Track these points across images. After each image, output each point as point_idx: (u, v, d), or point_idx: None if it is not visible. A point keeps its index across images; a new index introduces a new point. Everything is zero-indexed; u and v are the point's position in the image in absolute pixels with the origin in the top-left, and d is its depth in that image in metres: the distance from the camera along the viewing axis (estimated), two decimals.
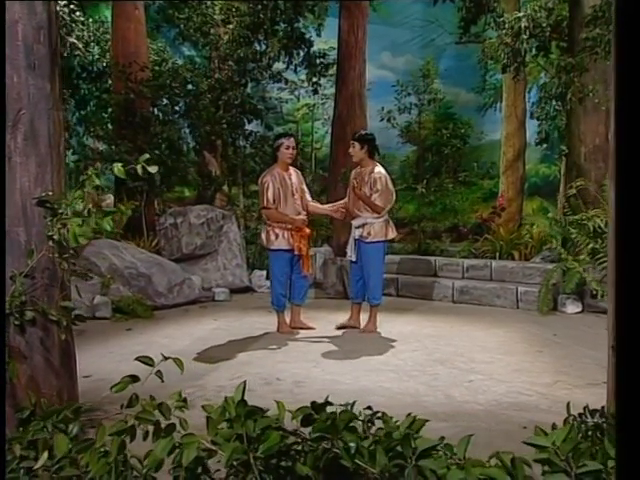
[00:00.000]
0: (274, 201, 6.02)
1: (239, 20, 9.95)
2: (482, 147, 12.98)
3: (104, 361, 5.04)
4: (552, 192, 11.82)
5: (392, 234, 6.12)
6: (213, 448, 1.73)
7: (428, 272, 8.87)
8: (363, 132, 6.34)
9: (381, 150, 6.56)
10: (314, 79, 10.39)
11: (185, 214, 8.95)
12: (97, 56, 10.62)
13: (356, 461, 1.58)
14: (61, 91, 2.85)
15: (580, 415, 2.60)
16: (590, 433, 2.53)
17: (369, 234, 5.97)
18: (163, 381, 2.10)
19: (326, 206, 6.67)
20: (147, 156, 2.70)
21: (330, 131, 10.02)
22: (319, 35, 10.38)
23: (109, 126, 9.44)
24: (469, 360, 5.03)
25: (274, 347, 5.56)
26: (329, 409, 1.96)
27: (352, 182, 6.13)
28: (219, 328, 6.49)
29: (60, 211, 2.74)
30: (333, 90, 10.25)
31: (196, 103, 9.48)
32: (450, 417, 3.67)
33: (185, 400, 1.94)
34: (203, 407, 1.88)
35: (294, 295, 6.29)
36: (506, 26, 8.53)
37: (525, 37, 8.50)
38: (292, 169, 6.28)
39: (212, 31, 10.36)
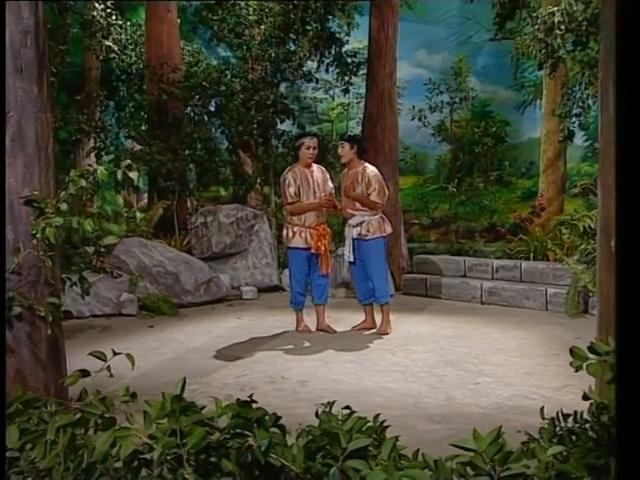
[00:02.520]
0: (296, 197, 6.04)
1: (272, 20, 10.02)
2: (521, 145, 12.67)
3: (119, 357, 5.14)
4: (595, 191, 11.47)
5: (389, 229, 6.11)
6: (149, 442, 1.76)
7: (458, 272, 8.75)
8: (352, 133, 6.39)
9: (414, 149, 6.59)
10: (345, 78, 10.37)
11: (215, 213, 9.07)
12: (134, 58, 10.87)
13: (280, 459, 1.59)
14: (49, 94, 2.93)
15: (552, 419, 2.54)
16: (563, 438, 2.48)
17: (368, 231, 5.95)
18: (112, 376, 2.14)
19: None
20: (128, 162, 2.76)
21: (361, 130, 9.99)
22: (348, 34, 10.35)
23: (142, 127, 9.63)
24: (481, 362, 4.95)
25: (288, 346, 5.58)
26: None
27: (343, 185, 6.16)
28: (239, 326, 6.55)
29: (46, 210, 2.82)
30: None
31: (226, 103, 9.59)
32: (446, 419, 3.62)
33: (134, 395, 1.97)
34: (146, 402, 1.90)
35: (314, 295, 6.27)
36: (539, 21, 8.33)
37: (559, 32, 8.27)
38: (315, 166, 6.27)
39: (246, 32, 10.46)
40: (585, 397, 2.47)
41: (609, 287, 2.81)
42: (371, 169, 6.05)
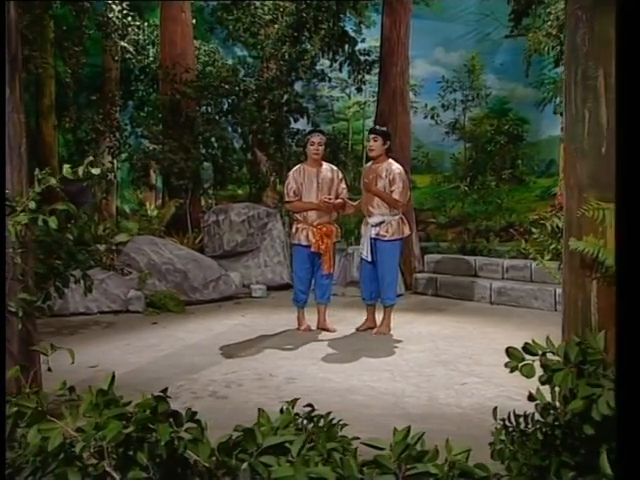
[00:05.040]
0: (295, 196, 6.05)
1: (286, 19, 10.06)
2: (541, 143, 12.48)
3: (116, 352, 5.25)
4: None
5: (407, 231, 6.02)
6: (75, 435, 1.80)
7: (468, 272, 8.68)
8: (384, 128, 6.25)
9: (430, 147, 6.48)
10: (359, 76, 10.36)
11: (226, 212, 9.14)
12: (152, 58, 11.02)
13: (190, 453, 1.61)
14: (22, 95, 3.00)
15: (503, 420, 2.52)
16: (515, 439, 2.46)
17: (387, 232, 5.85)
18: (50, 370, 2.18)
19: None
20: (91, 158, 2.80)
21: None
22: (360, 32, 10.33)
23: (156, 126, 9.76)
24: (474, 362, 4.91)
25: (285, 344, 5.59)
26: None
27: (365, 180, 6.07)
28: (242, 324, 6.60)
29: (17, 208, 2.89)
30: None
31: (238, 103, 9.67)
32: (423, 419, 3.60)
33: (72, 389, 2.01)
34: (78, 396, 1.95)
35: (317, 294, 6.25)
36: (551, 17, 8.21)
37: None
38: (327, 166, 6.22)
39: (261, 31, 10.53)
40: (531, 398, 2.45)
41: (571, 287, 2.78)
42: (397, 166, 5.92)
